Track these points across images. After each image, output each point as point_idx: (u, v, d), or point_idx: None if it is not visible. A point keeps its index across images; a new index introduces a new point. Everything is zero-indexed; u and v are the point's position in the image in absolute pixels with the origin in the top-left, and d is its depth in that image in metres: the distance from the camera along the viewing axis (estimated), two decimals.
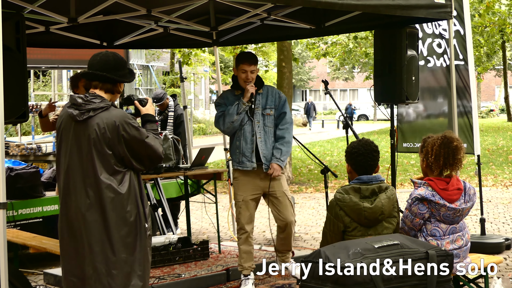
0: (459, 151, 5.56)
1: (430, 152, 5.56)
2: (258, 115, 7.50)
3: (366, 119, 65.65)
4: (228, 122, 7.39)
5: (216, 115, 7.53)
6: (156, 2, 8.14)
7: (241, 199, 7.50)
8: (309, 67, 75.53)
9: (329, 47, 29.87)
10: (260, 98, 7.54)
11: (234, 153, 7.57)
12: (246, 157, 7.46)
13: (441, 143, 5.56)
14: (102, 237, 4.93)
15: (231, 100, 7.49)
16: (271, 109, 7.55)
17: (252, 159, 7.45)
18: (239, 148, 7.48)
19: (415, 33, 8.06)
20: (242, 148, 7.46)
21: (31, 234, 8.30)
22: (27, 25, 8.01)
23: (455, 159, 5.54)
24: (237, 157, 7.51)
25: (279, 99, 7.61)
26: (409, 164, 20.86)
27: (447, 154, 5.52)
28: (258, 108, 7.51)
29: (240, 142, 7.47)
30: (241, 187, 7.54)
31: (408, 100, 7.98)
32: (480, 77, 46.09)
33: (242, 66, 7.45)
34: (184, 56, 22.20)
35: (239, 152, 7.49)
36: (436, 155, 5.52)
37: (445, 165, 5.53)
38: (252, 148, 7.45)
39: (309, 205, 14.21)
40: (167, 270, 8.09)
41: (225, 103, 7.50)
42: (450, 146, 5.54)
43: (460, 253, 5.57)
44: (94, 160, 4.93)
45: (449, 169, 5.57)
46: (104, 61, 5.06)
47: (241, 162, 7.49)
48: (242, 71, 7.45)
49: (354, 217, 5.14)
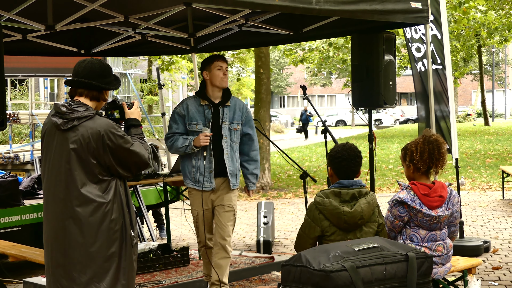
0: (441, 145, 5.60)
1: (415, 151, 5.58)
2: (226, 130, 7.03)
3: (344, 124, 65.92)
4: (174, 150, 7.05)
5: (167, 134, 7.10)
6: (134, 9, 8.14)
7: (195, 214, 7.14)
8: (286, 74, 75.70)
9: (306, 53, 29.98)
10: (228, 111, 7.07)
11: (189, 171, 7.03)
12: (205, 177, 6.97)
13: (424, 140, 5.60)
14: (83, 247, 4.87)
15: (192, 113, 6.99)
16: (238, 123, 7.09)
17: (211, 180, 6.98)
18: (196, 167, 6.98)
19: (392, 38, 8.12)
20: (199, 167, 6.96)
21: (10, 243, 8.27)
22: (4, 33, 7.99)
23: (440, 153, 5.56)
24: (193, 177, 7.00)
25: (246, 114, 7.19)
26: (387, 168, 20.95)
27: (432, 150, 5.55)
28: (225, 122, 7.04)
29: (197, 161, 6.98)
30: (194, 201, 7.11)
31: (386, 104, 8.04)
32: (457, 81, 46.43)
33: (217, 63, 7.00)
34: (164, 63, 22.23)
35: (195, 171, 6.98)
36: (421, 152, 5.54)
37: (432, 160, 5.55)
38: (211, 168, 6.97)
39: (288, 211, 14.24)
40: (147, 277, 8.07)
41: (184, 116, 7.00)
42: (432, 141, 5.58)
43: (439, 260, 5.58)
44: (78, 170, 4.88)
45: (436, 164, 5.58)
46: (90, 68, 5.01)
47: (198, 182, 6.98)
48: (218, 68, 6.98)
49: (333, 221, 5.15)
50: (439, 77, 9.45)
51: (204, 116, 7.00)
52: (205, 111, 7.01)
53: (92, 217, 4.86)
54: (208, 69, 7.05)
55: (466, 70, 44.29)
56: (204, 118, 6.99)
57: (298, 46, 28.84)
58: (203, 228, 7.15)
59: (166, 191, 9.59)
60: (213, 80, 7.03)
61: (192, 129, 6.99)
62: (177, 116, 7.05)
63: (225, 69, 7.05)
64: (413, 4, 7.39)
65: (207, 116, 7.00)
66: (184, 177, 7.13)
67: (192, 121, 7.00)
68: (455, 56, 36.76)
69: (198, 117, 7.00)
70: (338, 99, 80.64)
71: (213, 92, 7.07)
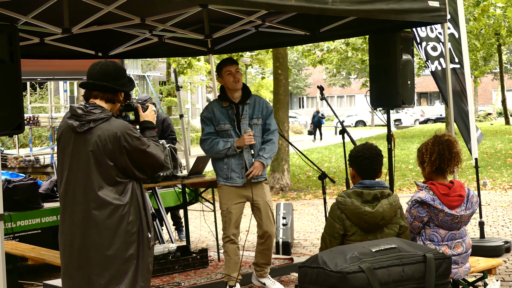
0: (453, 145, 5.56)
1: (425, 153, 5.57)
2: (245, 126, 7.41)
3: (363, 125, 65.77)
4: (213, 155, 7.40)
5: (202, 136, 7.44)
6: (150, 11, 8.14)
7: (225, 208, 7.39)
8: (305, 74, 75.63)
9: (324, 54, 29.90)
10: (248, 108, 7.46)
11: (220, 169, 7.43)
12: (236, 173, 7.36)
13: (434, 141, 5.58)
14: (101, 249, 4.86)
15: (218, 114, 7.39)
16: (258, 118, 7.48)
17: (243, 175, 7.36)
18: (228, 164, 7.38)
19: (409, 37, 8.07)
20: (231, 164, 7.37)
21: (29, 246, 8.30)
22: (21, 36, 8.03)
23: (451, 153, 5.53)
24: (225, 173, 7.40)
25: (266, 109, 7.55)
26: (407, 169, 20.86)
27: (442, 150, 5.52)
28: (245, 118, 7.43)
29: (229, 158, 7.37)
30: (225, 196, 7.42)
31: (404, 104, 7.99)
32: (477, 81, 46.18)
33: (226, 68, 7.38)
34: (180, 66, 22.23)
35: (227, 168, 7.38)
36: (431, 153, 5.52)
37: (442, 161, 5.51)
38: (242, 164, 7.37)
39: (307, 212, 14.21)
40: (166, 279, 8.07)
41: (211, 118, 7.40)
42: (443, 142, 5.55)
43: (458, 259, 5.55)
44: (95, 172, 4.87)
45: (448, 164, 5.54)
46: (104, 71, 5.00)
47: (229, 178, 7.39)
48: (228, 73, 7.37)
49: (354, 221, 5.12)
50: (456, 76, 9.39)
51: (228, 116, 7.40)
52: (228, 111, 7.41)
53: (109, 220, 4.86)
54: (220, 75, 7.48)
55: (486, 69, 44.00)
56: (228, 118, 7.40)
57: (317, 47, 28.77)
58: (230, 221, 7.39)
59: (184, 193, 9.58)
60: (227, 85, 7.45)
61: (220, 129, 7.40)
62: (206, 120, 7.44)
63: (234, 72, 7.38)
64: (431, 3, 7.34)
65: (230, 116, 7.40)
66: (217, 175, 7.51)
67: (219, 122, 7.39)
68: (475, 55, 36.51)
69: (224, 118, 7.40)
70: (358, 100, 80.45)
71: (231, 94, 7.46)
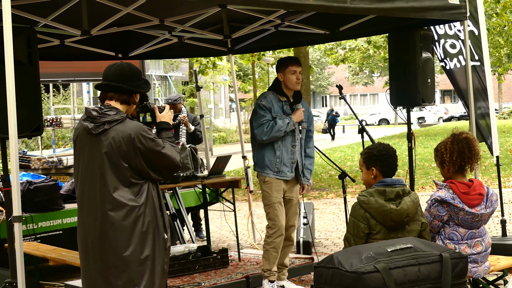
0: (472, 142, 5.51)
1: (444, 153, 5.52)
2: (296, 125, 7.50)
3: (387, 123, 65.56)
4: (273, 135, 7.30)
5: (258, 121, 7.37)
6: (169, 12, 8.16)
7: (277, 201, 7.44)
8: (328, 73, 75.50)
9: (347, 52, 29.84)
10: None
11: (272, 162, 7.40)
12: (287, 167, 7.41)
13: (453, 139, 5.53)
14: (117, 251, 4.89)
15: (276, 107, 7.40)
16: (305, 122, 7.58)
17: (292, 170, 7.44)
18: (280, 158, 7.39)
19: (429, 35, 8.04)
20: (283, 158, 7.40)
21: (50, 247, 8.34)
22: (42, 39, 8.10)
23: (471, 151, 5.48)
24: (275, 166, 7.40)
25: (309, 114, 7.69)
26: (430, 167, 20.76)
27: (462, 148, 5.47)
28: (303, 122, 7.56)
29: (281, 152, 7.38)
30: (274, 188, 7.44)
31: (424, 102, 7.96)
32: (501, 78, 45.86)
33: (291, 68, 7.38)
34: (202, 66, 22.25)
35: (279, 161, 7.40)
36: (451, 153, 5.47)
37: (463, 159, 5.47)
38: (293, 159, 7.45)
39: (329, 211, 14.18)
40: (187, 279, 8.08)
41: (270, 108, 7.37)
42: (462, 140, 5.50)
43: (478, 258, 5.51)
44: (110, 174, 4.89)
45: (468, 162, 5.50)
46: (119, 72, 5.01)
47: (280, 172, 7.41)
48: (292, 72, 7.37)
49: (379, 219, 5.09)
50: (477, 73, 9.33)
51: (283, 112, 7.45)
52: (283, 106, 7.46)
53: (125, 221, 4.87)
54: (283, 71, 7.46)
55: (510, 66, 43.71)
56: (284, 113, 7.44)
57: (339, 45, 28.72)
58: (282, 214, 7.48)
59: (205, 193, 9.59)
60: (287, 83, 7.46)
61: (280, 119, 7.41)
62: (265, 108, 7.39)
63: (298, 73, 7.42)
64: (451, 1, 7.32)
65: (286, 111, 7.46)
66: (263, 168, 7.48)
67: (277, 114, 7.41)
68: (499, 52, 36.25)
69: (281, 112, 7.43)
70: (381, 98, 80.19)
71: (287, 91, 7.51)
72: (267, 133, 7.30)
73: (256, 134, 7.37)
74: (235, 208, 9.18)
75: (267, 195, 7.48)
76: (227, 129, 44.92)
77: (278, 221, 7.44)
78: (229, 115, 55.85)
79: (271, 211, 7.48)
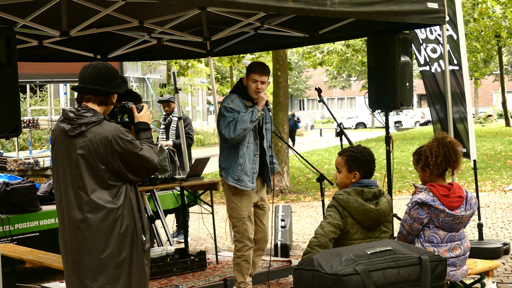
0: (456, 146, 5.55)
1: (430, 156, 5.53)
2: (265, 131, 7.34)
3: (364, 127, 65.81)
4: (240, 129, 6.94)
5: (225, 120, 7.06)
6: (148, 13, 8.15)
7: (246, 215, 7.23)
8: (306, 76, 75.57)
9: (325, 55, 29.91)
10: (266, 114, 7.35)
11: (233, 169, 7.13)
12: (248, 176, 7.15)
13: (438, 143, 5.54)
14: (94, 253, 4.85)
15: (242, 111, 7.10)
16: (269, 123, 7.40)
17: (253, 180, 7.18)
18: (242, 166, 7.12)
19: (408, 39, 8.06)
20: (246, 166, 7.13)
21: (27, 249, 8.29)
22: (20, 39, 8.05)
23: (457, 154, 5.52)
24: (236, 174, 7.13)
25: (269, 112, 7.43)
26: (407, 170, 20.84)
27: (448, 152, 5.50)
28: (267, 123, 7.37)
29: (244, 160, 7.13)
30: (244, 201, 7.24)
31: (403, 106, 7.98)
32: (478, 82, 46.19)
33: (252, 76, 7.15)
34: (181, 68, 22.22)
35: (241, 169, 7.12)
36: (436, 156, 5.49)
37: (448, 163, 5.50)
38: (255, 169, 7.20)
39: (307, 214, 14.19)
40: (164, 281, 8.06)
41: (238, 111, 7.08)
42: (447, 143, 5.53)
43: (457, 261, 5.54)
44: (87, 176, 4.85)
45: (453, 166, 5.53)
46: (96, 74, 4.96)
47: (240, 180, 7.13)
48: (253, 81, 7.15)
49: (358, 218, 5.10)
50: (455, 78, 9.38)
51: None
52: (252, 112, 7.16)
53: (103, 223, 4.84)
54: (247, 76, 7.25)
55: (486, 71, 44.05)
56: None
57: (317, 49, 28.78)
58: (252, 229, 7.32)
59: (183, 195, 9.57)
60: (248, 89, 7.24)
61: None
62: (233, 110, 7.10)
63: (260, 83, 7.16)
64: (430, 5, 7.34)
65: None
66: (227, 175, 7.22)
67: None
68: (475, 56, 36.55)
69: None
70: (358, 102, 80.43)
71: (252, 96, 7.23)
72: (234, 128, 7.00)
73: (224, 134, 7.07)
74: (213, 210, 9.17)
75: (236, 208, 7.27)
76: (204, 131, 44.83)
77: (247, 234, 7.25)
78: (207, 117, 55.75)
79: (240, 225, 7.27)
